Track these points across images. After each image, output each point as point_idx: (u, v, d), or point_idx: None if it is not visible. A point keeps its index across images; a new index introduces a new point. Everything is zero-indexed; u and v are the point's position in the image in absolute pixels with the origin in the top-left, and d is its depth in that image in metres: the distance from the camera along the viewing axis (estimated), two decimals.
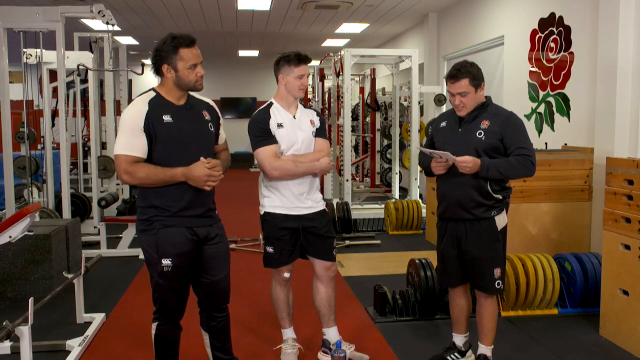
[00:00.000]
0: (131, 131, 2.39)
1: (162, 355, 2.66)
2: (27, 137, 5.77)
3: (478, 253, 2.81)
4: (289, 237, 2.92)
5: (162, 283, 2.50)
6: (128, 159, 2.37)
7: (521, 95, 5.86)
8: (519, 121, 2.82)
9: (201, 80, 2.50)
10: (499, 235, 2.82)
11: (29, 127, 6.22)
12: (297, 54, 2.89)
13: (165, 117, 2.43)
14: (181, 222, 2.48)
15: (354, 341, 3.33)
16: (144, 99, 2.46)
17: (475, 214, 2.77)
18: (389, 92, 9.77)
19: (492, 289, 2.84)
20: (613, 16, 4.27)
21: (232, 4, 7.88)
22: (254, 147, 2.88)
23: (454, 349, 3.07)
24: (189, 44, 2.44)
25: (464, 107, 2.77)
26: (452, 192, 2.81)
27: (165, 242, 2.46)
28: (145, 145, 2.40)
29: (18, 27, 5.06)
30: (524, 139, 2.75)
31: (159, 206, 2.46)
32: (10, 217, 3.19)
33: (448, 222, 2.90)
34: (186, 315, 2.64)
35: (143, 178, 2.39)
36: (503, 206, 2.82)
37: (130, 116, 2.41)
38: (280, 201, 2.90)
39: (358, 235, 6.38)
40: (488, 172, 2.68)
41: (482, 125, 2.75)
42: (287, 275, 3.00)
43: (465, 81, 2.72)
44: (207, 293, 2.67)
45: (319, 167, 2.90)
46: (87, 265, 3.64)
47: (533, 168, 2.72)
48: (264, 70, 16.09)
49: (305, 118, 2.97)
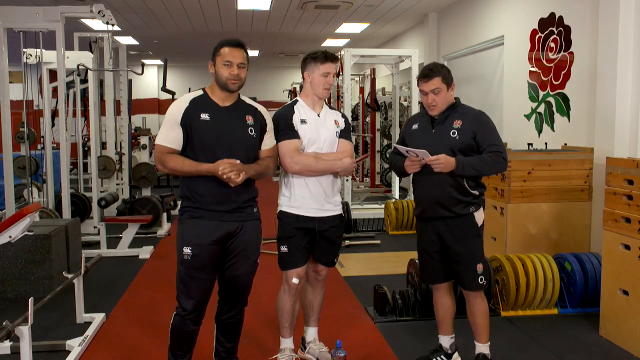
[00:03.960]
0: (169, 124, 2.57)
1: (173, 347, 2.71)
2: (27, 137, 5.76)
3: (461, 249, 2.85)
4: (303, 235, 2.89)
5: (182, 270, 2.61)
6: (163, 149, 2.57)
7: (521, 95, 5.86)
8: (489, 119, 2.90)
9: (235, 80, 2.58)
10: (479, 230, 2.88)
11: (29, 127, 6.22)
12: (324, 52, 2.89)
13: (202, 115, 2.57)
14: (210, 215, 2.59)
15: (354, 341, 3.33)
16: (188, 97, 2.63)
17: (455, 211, 2.82)
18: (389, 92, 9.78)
19: (475, 285, 2.87)
20: (613, 16, 4.27)
21: (232, 4, 7.88)
22: (276, 141, 2.84)
23: (440, 351, 3.06)
24: (231, 44, 2.58)
25: (436, 105, 2.82)
26: (430, 191, 2.86)
27: (190, 231, 2.59)
28: (180, 138, 2.56)
29: (18, 27, 5.06)
30: (495, 137, 2.84)
31: (189, 196, 2.61)
32: (10, 217, 3.18)
33: (428, 222, 2.93)
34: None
35: (171, 167, 2.56)
36: (480, 203, 2.89)
37: (171, 110, 2.59)
38: (296, 201, 2.87)
39: (358, 235, 6.39)
40: (464, 170, 2.75)
41: (455, 124, 2.81)
42: (295, 282, 2.93)
43: (438, 79, 2.80)
44: (225, 287, 2.72)
45: (340, 165, 2.87)
46: (87, 265, 3.64)
47: (505, 164, 2.82)
48: (264, 70, 16.12)
49: (329, 117, 2.95)
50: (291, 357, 3.05)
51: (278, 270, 2.98)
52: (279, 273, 3.00)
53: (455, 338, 3.08)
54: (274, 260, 3.07)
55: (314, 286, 3.10)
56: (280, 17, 8.84)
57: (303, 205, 2.87)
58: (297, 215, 2.87)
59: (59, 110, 5.38)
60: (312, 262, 3.02)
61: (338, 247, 3.04)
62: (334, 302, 3.99)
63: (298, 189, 2.87)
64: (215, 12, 8.40)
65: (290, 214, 2.89)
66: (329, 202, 2.92)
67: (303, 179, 2.86)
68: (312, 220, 2.88)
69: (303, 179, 2.86)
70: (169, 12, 8.34)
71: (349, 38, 11.05)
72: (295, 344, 3.12)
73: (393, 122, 8.05)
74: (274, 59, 14.71)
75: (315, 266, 3.04)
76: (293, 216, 2.88)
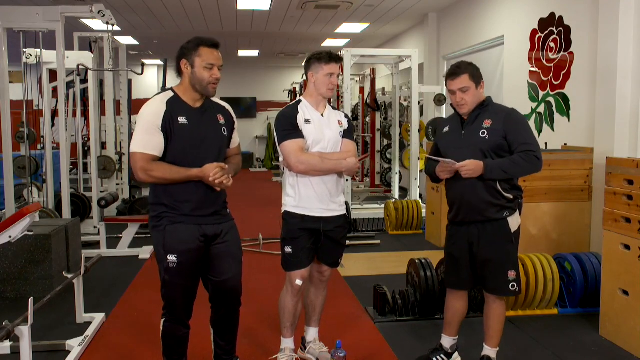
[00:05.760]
0: (148, 129, 2.42)
1: (169, 352, 2.68)
2: (27, 137, 5.76)
3: (491, 255, 2.76)
4: (308, 236, 2.88)
5: (168, 279, 2.53)
6: (145, 157, 2.41)
7: (521, 95, 5.86)
8: (522, 117, 2.81)
9: (215, 84, 2.51)
10: (512, 237, 2.79)
11: (29, 127, 6.22)
12: (328, 52, 2.87)
13: (180, 119, 2.47)
14: (190, 219, 2.51)
15: (354, 341, 3.33)
16: (162, 99, 2.50)
17: (488, 215, 2.74)
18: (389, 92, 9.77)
19: (505, 291, 2.80)
20: (613, 16, 4.27)
21: (232, 4, 7.88)
22: (280, 141, 2.83)
23: (440, 351, 3.05)
24: (210, 45, 2.49)
25: (465, 103, 2.75)
26: (463, 195, 2.78)
27: (172, 238, 2.49)
28: (162, 143, 2.44)
29: (18, 27, 5.06)
30: (527, 135, 2.72)
31: (168, 204, 2.50)
32: (10, 217, 3.19)
33: (461, 226, 2.85)
34: (196, 309, 2.66)
35: (159, 177, 2.43)
36: (515, 207, 2.79)
37: (148, 114, 2.45)
38: (302, 201, 2.86)
39: (358, 235, 6.38)
40: (492, 174, 2.66)
41: (485, 124, 2.72)
42: (299, 283, 2.92)
43: (465, 76, 2.72)
44: (216, 292, 2.68)
45: (345, 165, 2.86)
46: (87, 265, 3.63)
47: (539, 163, 2.68)
48: (264, 70, 16.10)
49: (333, 118, 2.95)
50: (291, 357, 3.05)
51: (278, 270, 2.98)
52: (279, 273, 3.00)
53: (457, 340, 3.07)
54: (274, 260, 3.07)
55: (317, 287, 3.10)
56: (280, 17, 8.84)
57: (309, 206, 2.86)
58: (303, 215, 2.86)
59: (59, 110, 5.37)
60: (316, 262, 3.01)
61: (343, 247, 3.03)
62: (334, 302, 3.99)
63: (303, 189, 2.86)
64: (215, 12, 8.40)
65: (296, 214, 2.88)
66: (334, 202, 2.92)
67: (308, 178, 2.85)
68: (317, 221, 2.87)
69: (308, 178, 2.85)
70: (169, 12, 8.34)
71: (349, 38, 11.05)
72: (296, 344, 3.11)
73: (393, 122, 8.05)
74: (274, 59, 14.70)
75: (319, 267, 3.03)
76: (299, 216, 2.87)
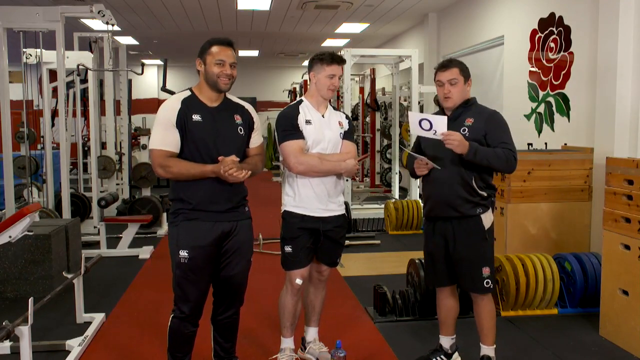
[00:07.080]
0: (165, 127, 2.51)
1: (173, 348, 2.70)
2: (27, 137, 5.76)
3: (465, 252, 2.83)
4: (308, 236, 2.88)
5: (179, 274, 2.58)
6: (162, 153, 2.50)
7: (521, 95, 5.86)
8: (503, 119, 2.86)
9: (226, 79, 2.55)
10: (486, 234, 2.84)
11: (29, 127, 6.21)
12: (331, 53, 2.88)
13: (195, 116, 2.53)
14: (205, 216, 2.56)
15: (354, 341, 3.32)
16: (178, 97, 2.58)
17: (462, 211, 2.80)
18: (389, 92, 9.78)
19: (480, 288, 2.85)
20: (613, 16, 4.27)
21: (232, 4, 7.88)
22: (280, 141, 2.84)
23: (440, 351, 3.06)
24: (222, 43, 2.56)
25: (451, 97, 2.80)
26: (438, 190, 2.84)
27: (185, 234, 2.55)
28: (178, 140, 2.52)
29: (18, 27, 5.06)
30: (507, 137, 2.79)
31: (184, 199, 2.56)
32: (10, 217, 3.19)
33: (435, 222, 2.91)
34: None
35: (176, 173, 2.50)
36: (489, 204, 2.86)
37: (164, 113, 2.53)
38: (301, 201, 2.87)
39: (358, 235, 6.38)
40: (476, 156, 2.67)
41: (466, 122, 2.79)
42: (299, 282, 2.93)
43: (456, 70, 2.79)
44: (221, 288, 2.71)
45: (344, 167, 2.87)
46: (87, 265, 3.63)
47: (515, 164, 2.77)
48: (264, 70, 16.11)
49: (334, 119, 2.95)
50: (291, 357, 3.05)
51: (278, 270, 2.98)
52: (279, 273, 3.00)
53: (456, 339, 3.08)
54: (274, 260, 3.07)
55: (316, 286, 3.10)
56: (280, 17, 8.84)
57: (308, 206, 2.87)
58: (302, 215, 2.87)
59: (58, 110, 5.37)
60: (315, 262, 3.01)
61: (341, 247, 3.05)
62: (334, 302, 3.99)
63: (302, 189, 2.87)
64: (215, 12, 8.40)
65: (295, 214, 2.88)
66: (333, 202, 2.92)
67: (307, 179, 2.86)
68: (317, 221, 2.88)
69: (307, 179, 2.86)
70: (169, 12, 8.34)
71: (349, 38, 11.05)
72: (295, 344, 3.11)
73: (393, 122, 8.05)
74: (274, 59, 14.71)
75: (318, 266, 3.03)
76: (299, 216, 2.88)
